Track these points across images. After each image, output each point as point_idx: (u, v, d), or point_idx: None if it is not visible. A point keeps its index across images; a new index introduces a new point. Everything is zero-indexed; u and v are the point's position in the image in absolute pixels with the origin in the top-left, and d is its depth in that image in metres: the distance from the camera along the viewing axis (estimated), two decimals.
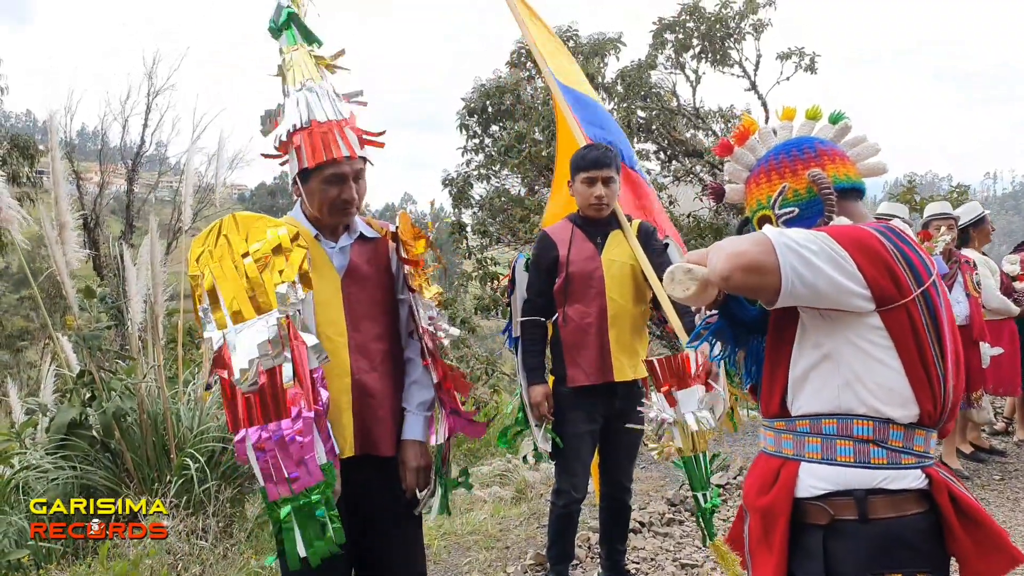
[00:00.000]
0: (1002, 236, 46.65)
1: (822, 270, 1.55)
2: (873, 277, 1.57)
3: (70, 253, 4.43)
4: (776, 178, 1.86)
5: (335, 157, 2.37)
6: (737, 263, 1.56)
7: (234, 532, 4.30)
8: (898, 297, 1.59)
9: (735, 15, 12.58)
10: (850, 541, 1.61)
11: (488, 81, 12.55)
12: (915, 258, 1.64)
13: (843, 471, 1.63)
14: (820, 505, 1.64)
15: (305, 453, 2.15)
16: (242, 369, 2.18)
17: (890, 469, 1.62)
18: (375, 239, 2.60)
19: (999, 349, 5.75)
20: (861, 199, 1.87)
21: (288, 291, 2.25)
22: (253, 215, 2.44)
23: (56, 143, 4.64)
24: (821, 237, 1.59)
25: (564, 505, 3.57)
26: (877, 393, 1.62)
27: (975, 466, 5.91)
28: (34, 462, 4.52)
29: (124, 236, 19.64)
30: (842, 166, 1.83)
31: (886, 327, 1.60)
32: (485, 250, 12.44)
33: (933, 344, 1.62)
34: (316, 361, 2.23)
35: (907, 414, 1.62)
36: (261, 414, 2.17)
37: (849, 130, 1.89)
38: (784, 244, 1.56)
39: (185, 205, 5.27)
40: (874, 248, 1.60)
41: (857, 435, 1.62)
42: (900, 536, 1.60)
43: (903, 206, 5.43)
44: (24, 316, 27.99)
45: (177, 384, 5.17)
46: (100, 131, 21.54)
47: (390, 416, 2.55)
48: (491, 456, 7.12)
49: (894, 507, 1.60)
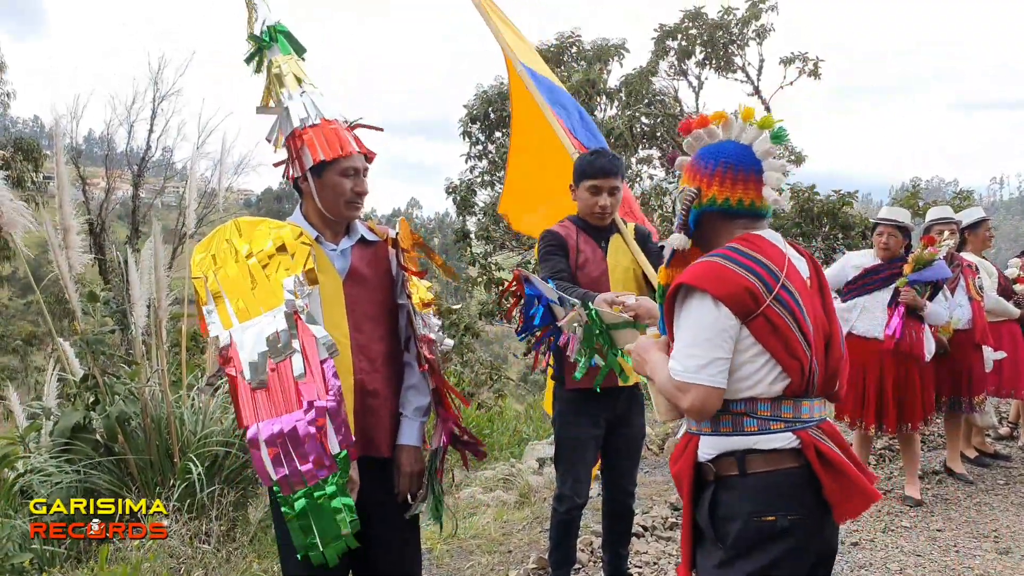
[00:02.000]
0: (1008, 241, 46.54)
1: (725, 350, 1.96)
2: (733, 302, 1.94)
3: (74, 257, 4.45)
4: (688, 177, 2.15)
5: (350, 152, 2.48)
6: (690, 412, 2.01)
7: (237, 536, 4.30)
8: (755, 308, 1.96)
9: (738, 21, 12.61)
10: (733, 491, 2.02)
11: (490, 87, 12.58)
12: (761, 270, 1.99)
13: (725, 439, 2.04)
14: (708, 465, 2.06)
15: (319, 443, 2.14)
16: (251, 363, 2.20)
17: (761, 434, 2.01)
18: (375, 243, 2.64)
19: (1002, 353, 5.74)
20: (745, 220, 2.10)
21: (295, 285, 2.30)
22: (254, 219, 2.48)
23: (61, 146, 4.67)
24: (702, 318, 1.97)
25: (566, 511, 3.55)
26: (749, 382, 2.01)
27: (979, 471, 5.89)
28: (38, 466, 4.53)
29: (130, 241, 19.71)
30: (731, 189, 2.06)
31: (752, 333, 1.97)
32: (489, 256, 12.47)
33: (796, 331, 1.99)
34: (326, 352, 2.24)
35: (774, 390, 2.00)
36: (271, 408, 2.17)
37: (772, 154, 2.06)
38: (696, 375, 1.96)
39: (189, 209, 5.29)
40: (727, 276, 1.96)
41: (733, 410, 2.02)
42: (774, 486, 2.00)
43: (904, 210, 5.43)
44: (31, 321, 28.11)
45: (181, 388, 5.18)
46: (106, 136, 21.62)
47: (389, 418, 2.59)
48: (494, 460, 7.12)
49: (768, 463, 2.00)
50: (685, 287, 2.01)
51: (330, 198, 2.50)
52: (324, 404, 2.16)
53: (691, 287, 1.99)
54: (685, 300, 2.02)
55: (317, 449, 2.13)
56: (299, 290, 2.30)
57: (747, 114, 2.10)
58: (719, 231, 2.11)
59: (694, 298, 2.00)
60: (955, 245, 5.53)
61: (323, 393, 2.18)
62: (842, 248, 11.08)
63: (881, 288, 5.04)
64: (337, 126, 2.53)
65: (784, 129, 2.07)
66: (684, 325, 2.02)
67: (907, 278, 4.93)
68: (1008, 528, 4.78)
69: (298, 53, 2.72)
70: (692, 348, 1.97)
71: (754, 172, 2.06)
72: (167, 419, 4.67)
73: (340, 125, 2.55)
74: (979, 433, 6.28)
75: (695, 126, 2.17)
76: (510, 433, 8.70)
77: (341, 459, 2.18)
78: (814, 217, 11.52)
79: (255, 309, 2.30)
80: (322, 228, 2.56)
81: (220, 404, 5.08)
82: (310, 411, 2.15)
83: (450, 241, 12.38)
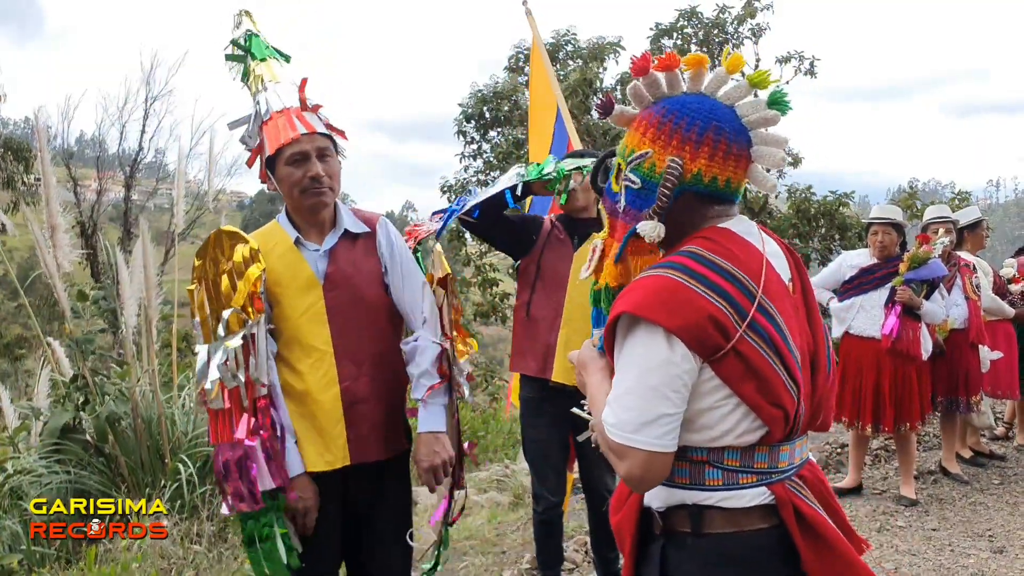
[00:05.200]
0: (1006, 243, 46.65)
1: (675, 403, 1.46)
2: (693, 337, 1.43)
3: (62, 256, 4.40)
4: (650, 137, 1.55)
5: (293, 138, 2.36)
6: (629, 482, 1.51)
7: (228, 536, 4.27)
8: (724, 343, 1.44)
9: (733, 19, 12.61)
10: (685, 552, 1.56)
11: (485, 87, 12.56)
12: (732, 288, 1.47)
13: (678, 491, 1.56)
14: (656, 516, 1.60)
15: (248, 479, 2.26)
16: (207, 387, 2.29)
17: (725, 490, 1.53)
18: (361, 235, 2.54)
19: (999, 353, 5.73)
20: (722, 206, 1.59)
21: (232, 317, 2.31)
22: (232, 231, 2.45)
23: (44, 141, 4.62)
24: (648, 359, 1.45)
25: (543, 511, 3.54)
26: (713, 433, 1.51)
27: (974, 470, 5.88)
28: (27, 466, 4.49)
29: (122, 243, 19.62)
30: (720, 166, 1.52)
31: (718, 376, 1.47)
32: (484, 256, 12.44)
33: (778, 367, 1.49)
34: (262, 390, 2.32)
35: (745, 440, 1.52)
36: (224, 432, 2.30)
37: (773, 123, 1.54)
38: (633, 436, 1.45)
39: (178, 208, 5.25)
40: (686, 302, 1.44)
41: (692, 457, 1.53)
42: (735, 551, 1.52)
43: (897, 208, 5.43)
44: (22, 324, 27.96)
45: (172, 388, 5.14)
46: (97, 137, 21.51)
47: (382, 421, 2.53)
48: (488, 461, 7.09)
49: (730, 522, 1.53)
50: (628, 316, 1.48)
51: (287, 191, 2.42)
52: (253, 443, 2.26)
53: (636, 317, 1.46)
54: (632, 331, 1.48)
55: (246, 483, 2.26)
56: (238, 323, 2.31)
57: (734, 63, 1.53)
58: (688, 219, 1.57)
59: (639, 330, 1.47)
60: (951, 244, 5.53)
61: (246, 433, 2.27)
62: (838, 249, 11.09)
63: (878, 287, 5.02)
64: (286, 112, 2.43)
65: (784, 93, 1.54)
66: (624, 364, 1.50)
67: (903, 277, 4.92)
68: (1003, 527, 4.77)
69: (280, 57, 2.68)
70: (632, 398, 1.46)
71: (745, 145, 1.53)
72: (158, 419, 4.63)
73: (290, 111, 2.44)
74: (974, 433, 6.28)
75: (658, 67, 1.56)
76: (504, 435, 8.67)
77: (267, 496, 2.28)
78: (810, 218, 11.53)
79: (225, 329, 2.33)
80: (303, 227, 2.49)
81: None
82: (239, 448, 2.26)
83: (445, 242, 12.33)
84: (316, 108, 2.50)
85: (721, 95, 1.55)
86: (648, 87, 1.58)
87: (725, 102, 1.55)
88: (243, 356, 2.29)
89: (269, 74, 2.55)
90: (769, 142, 1.53)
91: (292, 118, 2.41)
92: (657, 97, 1.58)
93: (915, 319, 4.95)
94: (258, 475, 2.24)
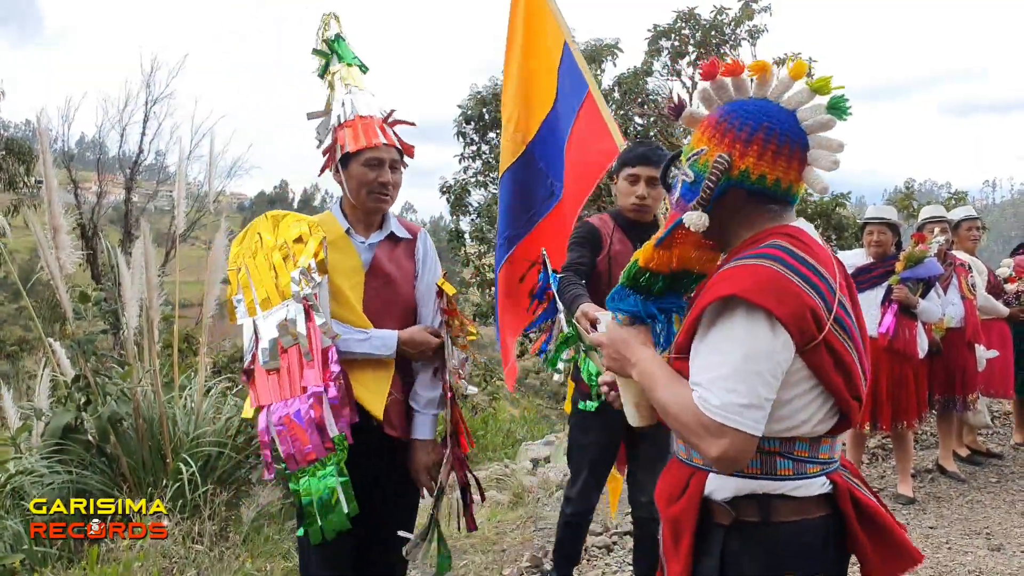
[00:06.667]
0: (1002, 243, 46.62)
1: (773, 390, 1.52)
2: (796, 326, 1.50)
3: (64, 257, 4.42)
4: (707, 136, 1.65)
5: (375, 143, 2.63)
6: (719, 461, 1.52)
7: (229, 536, 4.29)
8: (817, 334, 1.53)
9: (730, 21, 12.64)
10: (750, 542, 1.61)
11: (484, 88, 12.58)
12: (817, 279, 1.56)
13: (748, 481, 1.62)
14: (724, 507, 1.63)
15: (317, 426, 2.37)
16: (264, 349, 2.47)
17: (796, 479, 1.61)
18: (404, 239, 2.79)
19: (995, 352, 5.76)
20: (777, 207, 1.67)
21: (301, 276, 2.47)
22: (283, 212, 2.71)
23: (46, 142, 4.64)
24: (754, 344, 1.50)
25: (571, 514, 3.46)
26: (792, 422, 1.59)
27: (971, 469, 5.91)
28: (29, 467, 4.51)
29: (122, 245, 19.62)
30: (770, 165, 1.59)
31: (808, 366, 1.55)
32: (483, 256, 12.46)
33: (856, 359, 1.60)
34: (328, 339, 2.45)
35: (819, 430, 1.61)
36: (280, 392, 2.43)
37: (829, 127, 1.61)
38: (737, 417, 1.49)
39: (179, 209, 5.27)
40: (791, 292, 1.51)
41: (764, 448, 1.59)
42: (799, 539, 1.60)
43: (891, 208, 5.46)
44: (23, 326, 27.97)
45: (173, 389, 5.16)
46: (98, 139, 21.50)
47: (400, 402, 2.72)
48: (488, 461, 7.11)
49: (796, 511, 1.61)
50: (735, 300, 1.52)
51: (354, 188, 2.66)
52: (319, 390, 2.38)
53: (744, 301, 1.51)
54: (729, 314, 1.53)
55: (316, 431, 2.37)
56: (306, 279, 2.46)
57: (798, 70, 1.61)
58: (740, 217, 1.66)
59: (741, 314, 1.52)
60: (947, 243, 5.55)
61: (319, 379, 2.39)
62: (835, 249, 11.09)
63: (874, 286, 5.05)
64: (370, 120, 2.69)
65: (845, 99, 1.59)
66: (724, 347, 1.53)
67: (899, 276, 4.94)
68: (1000, 525, 4.80)
69: (360, 67, 2.90)
70: (736, 381, 1.49)
71: (800, 147, 1.60)
72: (159, 419, 4.65)
73: (375, 120, 2.70)
74: (972, 431, 6.30)
75: (725, 72, 1.67)
76: (504, 434, 8.70)
77: (339, 440, 2.39)
78: (807, 218, 11.53)
79: (276, 299, 2.53)
80: (354, 221, 2.72)
81: (213, 404, 5.07)
82: (308, 397, 2.38)
83: (444, 243, 12.35)
84: (395, 124, 2.77)
85: (784, 100, 1.64)
86: (716, 91, 1.69)
87: (788, 107, 1.63)
88: (306, 313, 2.45)
89: (352, 80, 2.80)
90: (824, 146, 1.61)
91: (376, 127, 2.68)
92: (724, 100, 1.69)
93: (911, 318, 4.98)
94: (327, 421, 2.37)
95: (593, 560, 4.27)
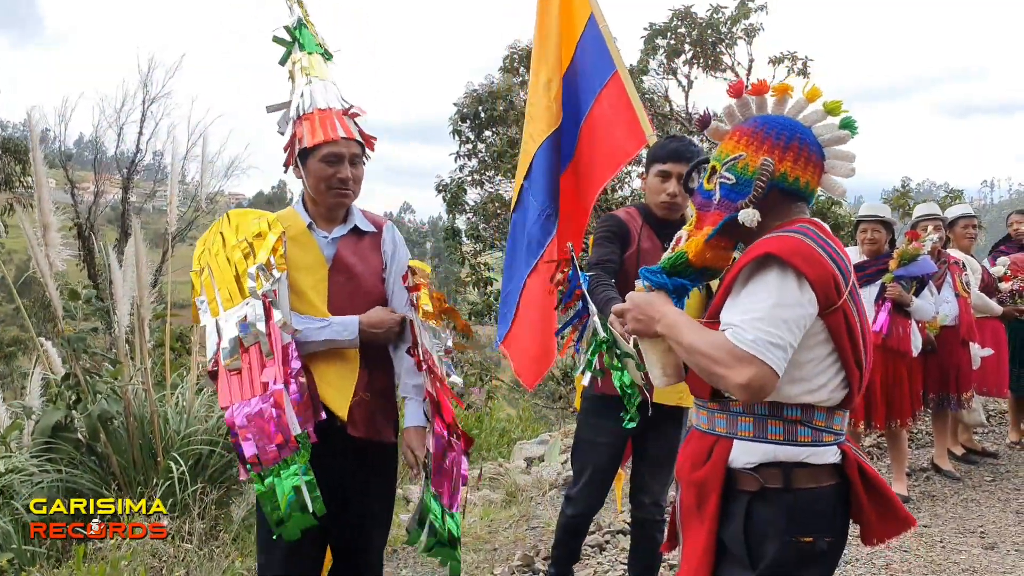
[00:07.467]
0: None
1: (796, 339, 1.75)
2: (821, 288, 1.75)
3: (54, 255, 4.40)
4: (744, 144, 1.91)
5: (332, 138, 2.55)
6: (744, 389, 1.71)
7: (219, 534, 4.27)
8: (837, 300, 1.77)
9: (726, 20, 12.62)
10: (772, 506, 1.80)
11: (480, 86, 12.56)
12: (839, 260, 1.82)
13: (773, 448, 1.82)
14: (752, 474, 1.82)
15: (281, 424, 2.32)
16: (224, 349, 2.42)
17: (814, 446, 1.82)
18: (368, 233, 2.72)
19: (989, 350, 5.75)
20: (801, 204, 1.95)
21: (259, 271, 2.43)
22: (244, 211, 2.64)
23: (37, 138, 4.62)
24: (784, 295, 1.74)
25: (572, 515, 3.36)
26: (811, 385, 1.81)
27: (966, 468, 5.89)
28: (19, 465, 4.49)
29: (118, 244, 19.58)
30: (802, 169, 1.88)
31: (827, 328, 1.79)
32: (479, 255, 12.45)
33: (860, 334, 1.83)
34: (287, 336, 2.41)
35: (833, 399, 1.83)
36: (242, 391, 2.37)
37: (844, 141, 1.91)
38: (764, 350, 1.70)
39: (171, 207, 5.26)
40: (817, 258, 1.77)
41: (787, 416, 1.82)
42: (815, 505, 1.81)
43: (885, 205, 5.45)
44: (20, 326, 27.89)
45: (165, 387, 5.14)
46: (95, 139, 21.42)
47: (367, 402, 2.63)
48: (482, 460, 7.10)
49: (813, 478, 1.81)
50: (770, 257, 1.76)
51: (314, 184, 2.60)
52: (279, 388, 2.33)
53: (777, 258, 1.75)
54: (764, 271, 1.77)
55: (281, 429, 2.32)
56: (264, 275, 2.43)
57: (813, 94, 1.93)
58: (777, 212, 1.91)
59: (775, 271, 1.76)
60: (940, 241, 5.54)
61: (279, 376, 2.35)
62: None
63: (867, 284, 5.04)
64: (328, 113, 2.60)
65: (853, 119, 1.91)
66: (757, 296, 1.76)
67: (893, 274, 4.93)
68: (994, 524, 4.79)
69: (323, 55, 2.81)
70: (766, 323, 1.72)
71: (819, 156, 1.91)
72: (150, 418, 4.64)
73: (333, 112, 2.61)
74: (966, 430, 6.29)
75: (752, 92, 1.98)
76: (498, 434, 8.68)
77: (302, 438, 2.34)
78: None
79: (237, 297, 2.47)
80: (316, 215, 2.67)
81: (204, 403, 5.05)
82: (269, 395, 2.34)
83: (441, 242, 12.33)
84: (355, 115, 2.68)
85: (801, 118, 1.94)
86: (740, 108, 2.00)
87: (805, 123, 1.93)
88: (265, 310, 2.42)
89: (314, 69, 2.71)
90: (839, 156, 1.92)
91: (335, 120, 2.59)
92: (747, 116, 1.98)
93: (905, 316, 4.97)
94: (288, 420, 2.32)
95: (585, 559, 4.25)
